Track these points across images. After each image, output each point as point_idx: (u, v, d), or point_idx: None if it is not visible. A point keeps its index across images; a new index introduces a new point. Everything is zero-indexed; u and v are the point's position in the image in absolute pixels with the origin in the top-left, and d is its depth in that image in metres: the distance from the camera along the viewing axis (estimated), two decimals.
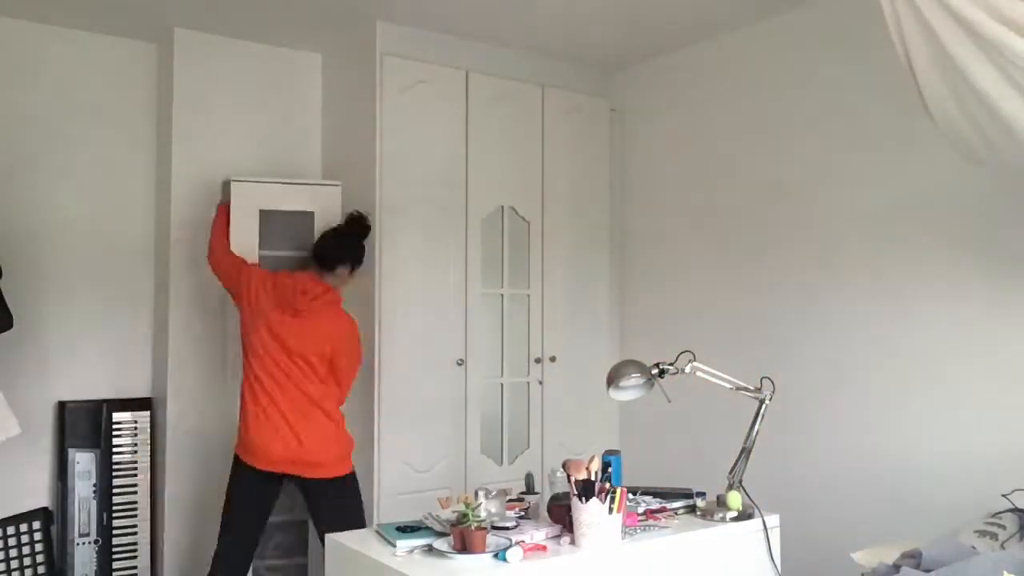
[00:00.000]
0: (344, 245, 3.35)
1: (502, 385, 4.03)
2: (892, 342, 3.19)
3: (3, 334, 3.29)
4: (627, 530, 2.33)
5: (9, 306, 3.30)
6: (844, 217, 3.35)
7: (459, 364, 3.82)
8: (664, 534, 2.37)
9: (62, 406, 3.66)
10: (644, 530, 2.38)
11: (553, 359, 4.12)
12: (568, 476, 2.22)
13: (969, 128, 2.02)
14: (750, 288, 3.71)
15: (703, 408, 3.89)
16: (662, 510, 2.54)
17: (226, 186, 3.87)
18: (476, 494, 2.34)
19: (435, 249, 3.78)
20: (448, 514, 2.28)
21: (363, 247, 3.42)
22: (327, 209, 3.66)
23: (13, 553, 3.48)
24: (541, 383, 4.10)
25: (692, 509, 2.59)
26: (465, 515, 2.13)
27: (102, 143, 3.83)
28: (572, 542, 2.22)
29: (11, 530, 3.49)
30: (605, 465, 2.26)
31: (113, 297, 3.81)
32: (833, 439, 3.36)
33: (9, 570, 3.45)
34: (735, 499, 2.52)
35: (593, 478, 2.19)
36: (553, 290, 4.16)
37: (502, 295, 4.05)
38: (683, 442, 3.94)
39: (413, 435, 3.68)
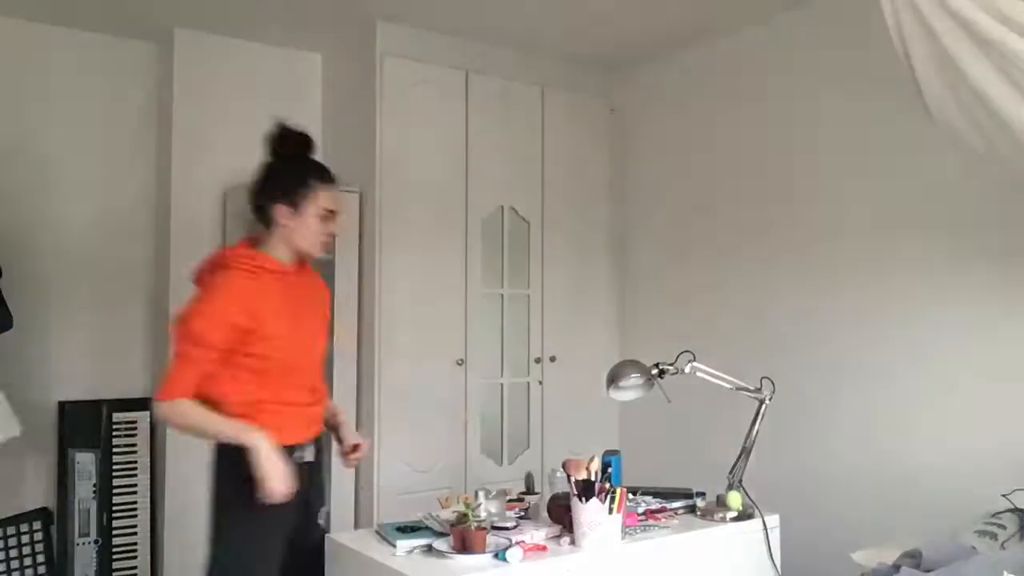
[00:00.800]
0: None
1: (502, 385, 4.02)
2: (892, 342, 3.19)
3: (3, 334, 3.29)
4: (627, 530, 2.33)
5: (9, 306, 3.30)
6: (844, 217, 3.35)
7: (459, 364, 3.82)
8: (664, 534, 2.37)
9: (62, 406, 3.66)
10: (644, 530, 2.38)
11: (553, 359, 4.12)
12: (568, 476, 2.22)
13: (969, 128, 2.02)
14: (750, 288, 3.71)
15: (703, 408, 3.89)
16: (662, 510, 2.54)
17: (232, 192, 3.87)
18: (476, 494, 2.34)
19: (435, 249, 3.78)
20: (448, 514, 2.28)
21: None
22: (347, 214, 3.68)
23: (13, 553, 3.48)
24: (541, 383, 4.10)
25: (692, 509, 2.59)
26: (465, 515, 2.13)
27: (102, 143, 3.83)
28: (572, 542, 2.21)
29: (11, 530, 3.49)
30: (605, 465, 2.26)
31: (113, 297, 3.81)
32: (833, 439, 3.36)
33: (9, 570, 3.45)
34: (735, 499, 2.52)
35: (593, 478, 2.19)
36: (553, 290, 4.16)
37: (502, 295, 4.05)
38: (683, 442, 3.94)
39: (413, 435, 3.68)
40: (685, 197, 4.05)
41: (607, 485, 2.19)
